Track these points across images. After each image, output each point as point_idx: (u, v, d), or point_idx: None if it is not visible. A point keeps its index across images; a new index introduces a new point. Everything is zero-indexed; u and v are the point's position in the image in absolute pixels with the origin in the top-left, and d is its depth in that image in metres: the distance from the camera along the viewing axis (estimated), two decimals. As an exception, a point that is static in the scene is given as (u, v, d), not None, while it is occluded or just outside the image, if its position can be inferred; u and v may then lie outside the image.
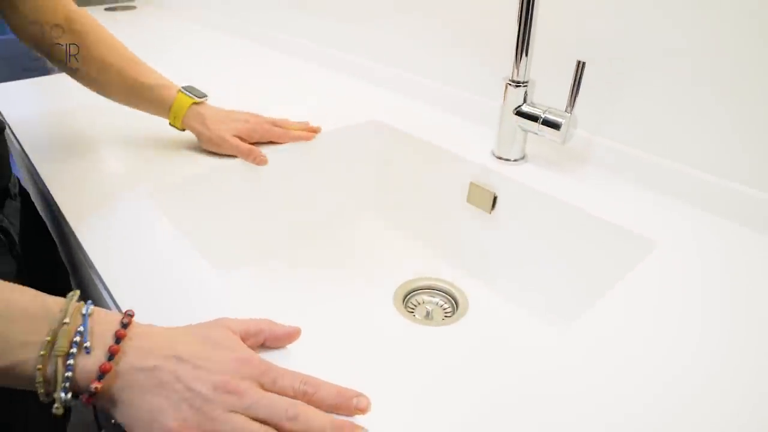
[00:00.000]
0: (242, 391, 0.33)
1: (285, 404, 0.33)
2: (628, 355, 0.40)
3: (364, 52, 1.03)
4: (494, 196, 0.71)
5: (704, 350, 0.40)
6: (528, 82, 0.68)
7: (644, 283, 0.48)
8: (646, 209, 0.61)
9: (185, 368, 0.33)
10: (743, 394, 0.37)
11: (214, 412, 0.32)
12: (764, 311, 0.45)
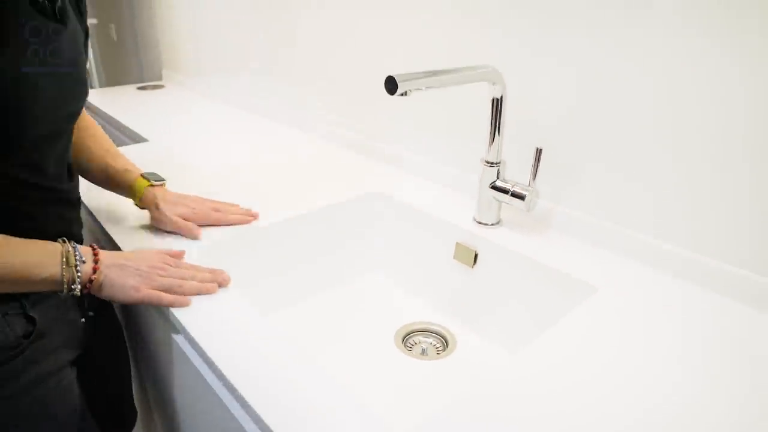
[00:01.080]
0: (161, 266, 0.69)
1: (184, 272, 0.69)
2: (568, 366, 0.55)
3: (367, 132, 1.23)
4: (475, 253, 0.88)
5: (621, 363, 0.56)
6: (500, 163, 0.86)
7: (583, 316, 0.64)
8: (592, 262, 0.77)
9: (133, 261, 0.68)
10: (660, 411, 0.52)
11: (151, 275, 0.67)
12: (679, 345, 0.61)
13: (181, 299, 0.66)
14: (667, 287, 0.72)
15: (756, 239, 0.67)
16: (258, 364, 0.55)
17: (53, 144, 0.67)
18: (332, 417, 0.48)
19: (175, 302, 0.66)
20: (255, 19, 1.54)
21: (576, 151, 0.84)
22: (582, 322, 0.64)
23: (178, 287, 0.67)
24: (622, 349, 0.59)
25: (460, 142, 1.02)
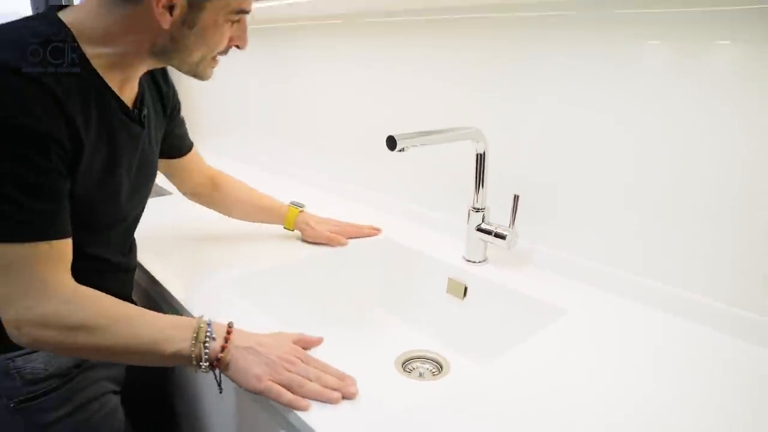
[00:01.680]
0: (290, 360, 0.66)
1: (311, 371, 0.65)
2: (539, 375, 0.67)
3: (368, 184, 1.37)
4: (465, 287, 1.00)
5: (582, 368, 0.68)
6: (484, 208, 1.00)
7: (554, 333, 0.76)
8: (565, 291, 0.90)
9: (263, 348, 0.66)
10: (621, 417, 0.64)
11: (277, 367, 0.64)
12: (637, 359, 0.73)
13: (299, 402, 0.61)
14: (631, 311, 0.85)
15: (701, 264, 0.81)
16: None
17: (124, 226, 0.82)
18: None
19: (293, 403, 0.61)
20: (264, 88, 1.71)
21: (550, 198, 0.99)
22: (553, 337, 0.76)
23: (298, 387, 0.63)
24: (587, 355, 0.71)
25: (448, 192, 1.16)
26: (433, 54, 1.16)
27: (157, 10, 0.65)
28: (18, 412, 0.74)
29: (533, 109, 0.98)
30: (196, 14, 0.68)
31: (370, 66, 1.32)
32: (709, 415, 0.61)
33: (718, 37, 0.74)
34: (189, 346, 0.64)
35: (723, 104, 0.75)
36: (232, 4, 0.70)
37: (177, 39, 0.69)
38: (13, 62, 0.59)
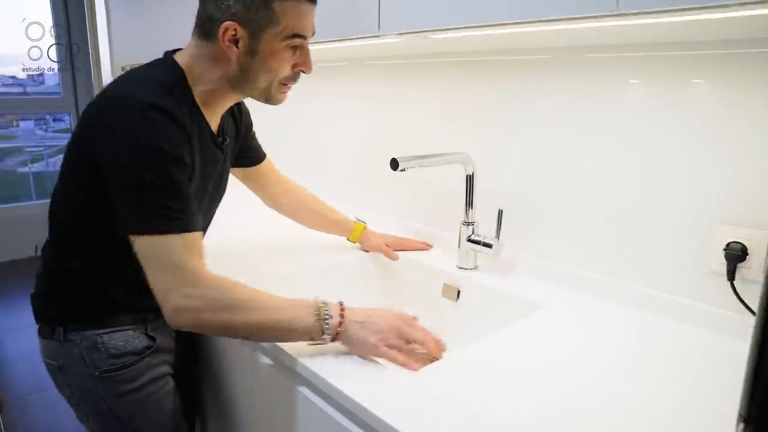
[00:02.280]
0: (398, 328, 0.81)
1: (417, 335, 0.83)
2: (516, 357, 0.82)
3: (370, 204, 1.53)
4: (458, 290, 1.16)
5: (557, 355, 0.83)
6: (474, 222, 1.16)
7: (532, 322, 0.91)
8: (543, 291, 1.05)
9: (372, 321, 0.81)
10: (580, 401, 0.78)
11: (388, 336, 0.80)
12: (603, 342, 0.88)
13: (411, 365, 0.78)
14: (600, 306, 1.00)
15: (662, 265, 0.96)
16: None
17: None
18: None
19: (407, 365, 0.78)
20: (277, 121, 1.89)
21: (531, 212, 1.15)
22: (532, 325, 0.91)
23: (407, 351, 0.80)
24: (560, 338, 0.86)
25: (441, 209, 1.32)
26: (428, 90, 1.34)
27: (225, 44, 0.82)
28: (100, 381, 0.90)
29: (515, 136, 1.16)
30: (257, 43, 0.83)
31: (371, 102, 1.50)
32: (667, 387, 0.76)
33: (694, 77, 0.88)
34: (313, 323, 0.78)
35: (695, 131, 0.92)
36: (287, 29, 0.83)
37: (245, 68, 0.85)
38: (150, 99, 0.77)
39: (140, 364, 0.93)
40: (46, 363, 0.95)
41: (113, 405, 0.92)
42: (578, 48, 1.02)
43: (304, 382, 0.81)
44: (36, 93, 4.24)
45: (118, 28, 2.44)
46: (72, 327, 0.90)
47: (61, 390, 0.96)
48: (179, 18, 1.74)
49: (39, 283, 0.95)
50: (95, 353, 0.90)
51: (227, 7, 0.81)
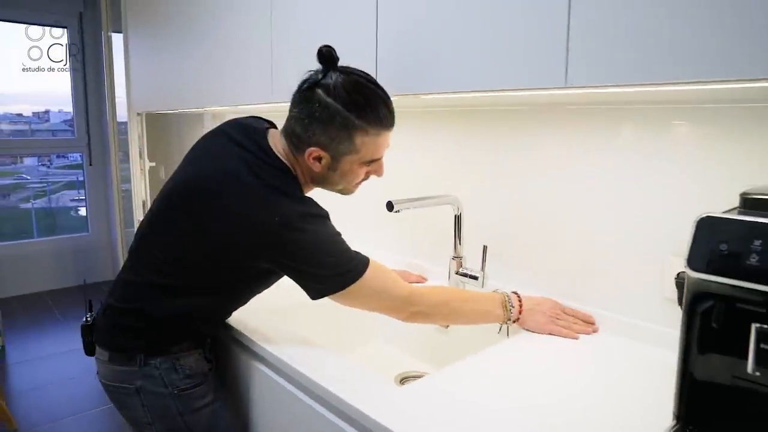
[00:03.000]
0: (557, 313, 1.13)
1: (569, 318, 1.12)
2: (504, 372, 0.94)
3: (368, 242, 1.67)
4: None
5: (534, 368, 0.96)
6: (461, 257, 1.30)
7: (512, 346, 1.04)
8: (523, 318, 1.18)
9: (539, 307, 1.12)
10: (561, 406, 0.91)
11: (551, 318, 1.11)
12: (568, 357, 1.01)
13: (572, 334, 1.08)
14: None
15: (620, 292, 1.10)
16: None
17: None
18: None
19: (569, 335, 1.08)
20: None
21: (513, 248, 1.29)
22: (511, 346, 1.04)
23: (566, 327, 1.09)
24: (534, 356, 0.99)
25: (432, 246, 1.47)
26: (419, 139, 1.50)
27: (309, 161, 0.99)
28: (178, 398, 1.04)
29: (498, 180, 1.31)
30: (337, 164, 1.00)
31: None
32: (624, 393, 0.88)
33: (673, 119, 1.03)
34: (502, 312, 1.09)
35: (670, 169, 1.07)
36: (365, 157, 1.00)
37: (325, 176, 1.03)
38: (304, 209, 0.97)
39: (208, 382, 1.08)
40: (117, 388, 1.04)
41: (189, 420, 1.04)
42: (557, 103, 1.19)
43: (287, 378, 0.93)
44: (40, 130, 4.39)
45: (137, 76, 2.62)
46: (152, 353, 1.02)
47: (130, 412, 1.06)
48: (195, 67, 1.92)
49: (114, 319, 1.05)
50: (173, 374, 1.02)
51: (314, 134, 0.96)
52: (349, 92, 0.94)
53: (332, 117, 0.94)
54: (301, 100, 0.97)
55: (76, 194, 4.58)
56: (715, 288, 0.65)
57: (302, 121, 0.97)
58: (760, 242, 0.60)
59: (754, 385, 0.65)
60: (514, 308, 1.09)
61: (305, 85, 0.97)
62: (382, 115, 0.97)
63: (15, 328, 3.36)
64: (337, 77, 0.95)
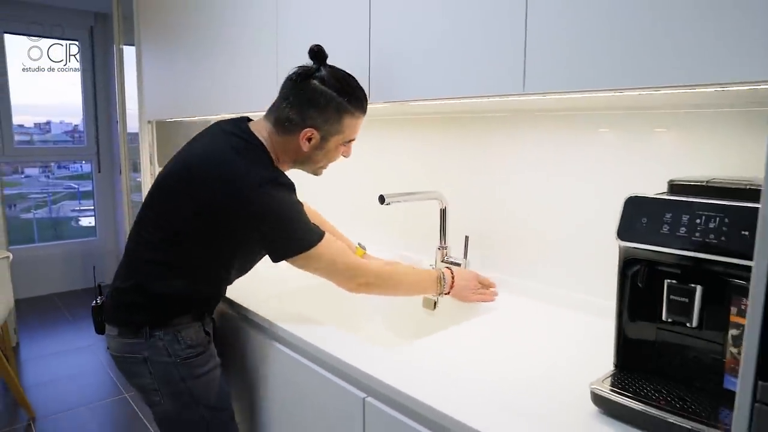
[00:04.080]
0: (476, 285, 1.34)
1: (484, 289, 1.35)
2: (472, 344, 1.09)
3: (361, 237, 1.82)
4: (435, 301, 1.43)
5: (507, 346, 1.10)
6: (446, 246, 1.45)
7: (487, 319, 1.19)
8: (498, 298, 1.33)
9: (465, 282, 1.33)
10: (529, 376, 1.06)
11: (473, 290, 1.33)
12: (533, 335, 1.16)
13: (488, 300, 1.32)
14: (537, 307, 1.28)
15: (583, 275, 1.25)
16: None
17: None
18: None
19: (486, 300, 1.32)
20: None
21: (491, 237, 1.44)
22: (484, 321, 1.19)
23: (482, 297, 1.32)
24: (505, 329, 1.14)
25: (419, 238, 1.62)
26: (408, 141, 1.66)
27: (301, 141, 1.16)
28: (181, 366, 1.17)
29: (479, 176, 1.46)
30: (324, 143, 1.18)
31: (363, 150, 1.81)
32: (573, 352, 1.03)
33: (656, 127, 1.16)
34: (437, 287, 1.28)
35: (648, 166, 1.23)
36: (347, 137, 1.20)
37: (311, 156, 1.20)
38: (266, 173, 1.12)
39: (207, 352, 1.21)
40: (127, 358, 1.18)
41: (191, 384, 1.18)
42: (526, 110, 1.34)
43: (287, 345, 1.08)
44: (41, 141, 4.48)
45: (149, 85, 2.79)
46: (157, 326, 1.15)
47: (138, 380, 1.19)
48: (203, 76, 2.09)
49: (120, 298, 1.19)
50: (176, 345, 1.16)
51: (309, 117, 1.14)
52: (340, 82, 1.15)
53: (328, 102, 1.13)
54: (297, 89, 1.15)
55: (77, 204, 4.70)
56: (639, 254, 0.80)
57: (298, 107, 1.14)
58: (669, 215, 0.76)
59: (667, 332, 0.80)
60: (447, 283, 1.27)
61: (298, 77, 1.15)
62: (363, 102, 1.19)
63: (28, 327, 3.50)
64: (327, 71, 1.15)
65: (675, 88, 0.79)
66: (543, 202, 1.32)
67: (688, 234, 0.73)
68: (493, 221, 1.44)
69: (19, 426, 2.35)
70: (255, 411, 1.32)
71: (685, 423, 0.71)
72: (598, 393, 0.80)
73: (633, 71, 0.80)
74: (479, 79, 1.01)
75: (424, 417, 0.85)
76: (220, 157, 1.13)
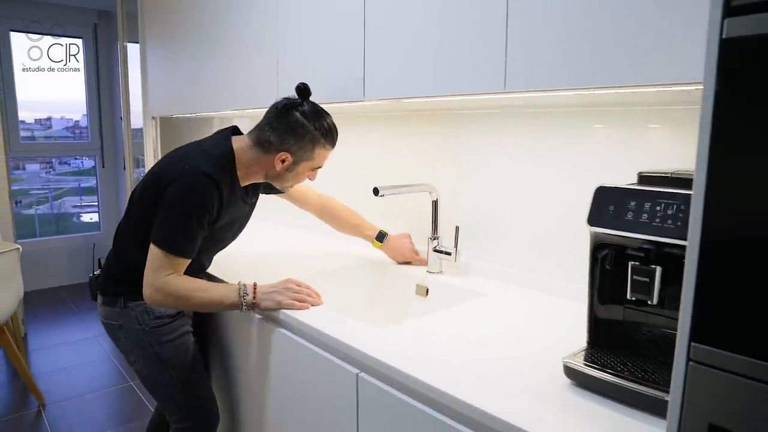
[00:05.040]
0: (290, 287, 1.27)
1: (303, 290, 1.28)
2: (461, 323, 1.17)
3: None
4: (427, 288, 1.51)
5: (493, 325, 1.18)
6: (438, 237, 1.53)
7: (475, 304, 1.27)
8: (486, 284, 1.41)
9: (275, 287, 1.27)
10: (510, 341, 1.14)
11: (286, 293, 1.25)
12: (516, 318, 1.24)
13: (304, 306, 1.23)
14: (522, 293, 1.36)
15: (560, 262, 1.33)
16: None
17: (219, 248, 1.45)
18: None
19: (302, 308, 1.23)
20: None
21: (481, 228, 1.52)
22: (474, 305, 1.27)
23: (300, 301, 1.24)
24: (491, 311, 1.22)
25: (413, 228, 1.69)
26: (400, 136, 1.73)
27: (275, 162, 1.31)
28: (149, 333, 1.37)
29: (469, 170, 1.54)
30: (295, 167, 1.33)
31: (359, 143, 1.89)
32: (552, 332, 1.11)
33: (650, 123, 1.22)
34: (236, 300, 1.24)
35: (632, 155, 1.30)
36: (315, 164, 1.36)
37: (281, 175, 1.35)
38: (206, 169, 1.23)
39: (174, 323, 1.39)
40: (108, 324, 1.39)
41: (158, 350, 1.37)
42: (513, 107, 1.42)
43: (286, 326, 1.16)
44: (43, 137, 4.51)
45: (153, 82, 2.86)
46: (129, 298, 1.35)
47: (117, 343, 1.41)
48: (206, 74, 2.16)
49: (106, 271, 1.41)
50: (145, 315, 1.35)
51: (287, 142, 1.29)
52: (318, 118, 1.31)
53: (305, 133, 1.29)
54: (280, 117, 1.30)
55: (79, 200, 4.77)
56: (607, 239, 0.88)
57: (278, 132, 1.29)
58: (633, 203, 0.83)
59: (632, 311, 0.88)
60: (248, 295, 1.24)
61: (284, 108, 1.31)
62: (334, 137, 1.36)
63: (34, 319, 3.59)
64: (309, 106, 1.31)
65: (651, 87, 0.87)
66: (527, 194, 1.39)
67: (650, 220, 0.81)
68: (481, 212, 1.51)
69: (31, 411, 2.43)
70: (254, 388, 1.40)
71: (644, 390, 0.78)
72: (569, 366, 0.88)
73: (607, 71, 0.88)
74: (464, 78, 1.09)
75: (414, 390, 0.93)
76: (187, 151, 1.33)
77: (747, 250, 0.52)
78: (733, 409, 0.54)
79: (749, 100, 0.50)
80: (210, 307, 1.31)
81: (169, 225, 1.22)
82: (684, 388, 0.58)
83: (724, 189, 0.53)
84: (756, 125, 0.50)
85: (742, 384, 0.53)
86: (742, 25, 0.49)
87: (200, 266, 1.41)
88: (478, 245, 1.53)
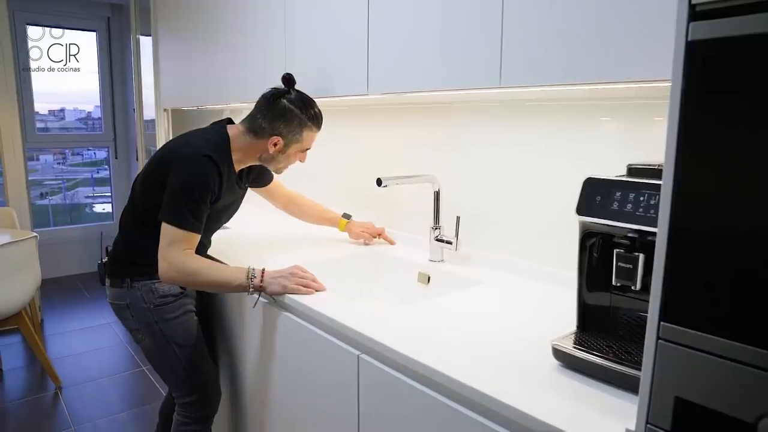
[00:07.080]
0: (296, 273, 1.35)
1: (308, 275, 1.35)
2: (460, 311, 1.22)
3: (359, 218, 1.95)
4: (428, 276, 1.56)
5: (493, 313, 1.23)
6: (440, 227, 1.58)
7: (473, 291, 1.32)
8: (485, 272, 1.46)
9: (281, 272, 1.35)
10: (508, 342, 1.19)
11: (291, 279, 1.32)
12: (513, 304, 1.28)
13: (309, 291, 1.29)
14: (518, 280, 1.40)
15: (554, 252, 1.37)
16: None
17: (218, 227, 1.53)
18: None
19: (306, 293, 1.28)
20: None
21: (480, 218, 1.56)
22: (473, 292, 1.32)
23: (305, 286, 1.30)
24: (489, 297, 1.27)
25: (415, 218, 1.74)
26: (403, 128, 1.77)
27: (268, 145, 1.44)
28: (154, 311, 1.46)
29: (470, 161, 1.58)
30: (286, 149, 1.47)
31: (360, 135, 1.94)
32: (545, 318, 1.15)
33: (654, 116, 1.27)
34: (244, 282, 1.31)
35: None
36: (304, 146, 1.49)
37: (274, 157, 1.48)
38: (206, 152, 1.35)
39: (178, 302, 1.48)
40: (116, 304, 1.48)
41: (163, 327, 1.46)
42: (513, 100, 1.46)
43: (290, 310, 1.21)
44: (57, 128, 4.58)
45: (165, 75, 2.93)
46: (135, 278, 1.44)
47: (125, 321, 1.50)
48: (217, 67, 2.22)
49: (113, 254, 1.50)
50: (150, 294, 1.45)
51: (278, 127, 1.43)
52: (305, 104, 1.45)
53: (293, 118, 1.43)
54: (269, 105, 1.43)
55: (91, 191, 4.85)
56: (594, 228, 0.92)
57: (270, 119, 1.42)
58: (619, 194, 0.87)
59: (618, 296, 0.92)
60: (256, 278, 1.31)
61: (272, 97, 1.44)
62: (319, 120, 1.49)
63: (50, 305, 3.69)
64: (295, 94, 1.45)
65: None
66: (526, 185, 1.44)
67: (633, 209, 0.85)
68: (482, 203, 1.56)
69: (49, 393, 2.53)
70: (257, 369, 1.46)
71: (625, 370, 0.83)
72: (558, 348, 0.93)
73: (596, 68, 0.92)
74: (462, 73, 1.13)
75: (412, 370, 0.99)
76: (187, 138, 1.45)
77: (712, 236, 0.56)
78: (698, 383, 0.59)
79: (713, 97, 0.55)
80: (219, 286, 1.37)
81: (176, 203, 1.31)
82: (654, 365, 0.62)
83: (692, 179, 0.57)
84: (718, 122, 0.54)
85: (706, 360, 0.58)
86: (704, 29, 0.54)
87: (202, 246, 1.48)
88: (479, 235, 1.57)
